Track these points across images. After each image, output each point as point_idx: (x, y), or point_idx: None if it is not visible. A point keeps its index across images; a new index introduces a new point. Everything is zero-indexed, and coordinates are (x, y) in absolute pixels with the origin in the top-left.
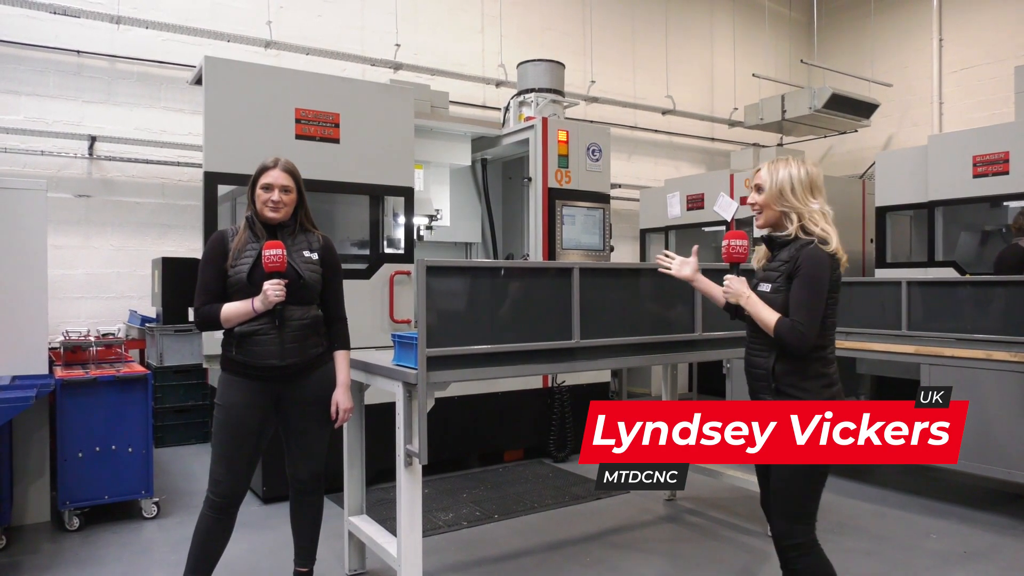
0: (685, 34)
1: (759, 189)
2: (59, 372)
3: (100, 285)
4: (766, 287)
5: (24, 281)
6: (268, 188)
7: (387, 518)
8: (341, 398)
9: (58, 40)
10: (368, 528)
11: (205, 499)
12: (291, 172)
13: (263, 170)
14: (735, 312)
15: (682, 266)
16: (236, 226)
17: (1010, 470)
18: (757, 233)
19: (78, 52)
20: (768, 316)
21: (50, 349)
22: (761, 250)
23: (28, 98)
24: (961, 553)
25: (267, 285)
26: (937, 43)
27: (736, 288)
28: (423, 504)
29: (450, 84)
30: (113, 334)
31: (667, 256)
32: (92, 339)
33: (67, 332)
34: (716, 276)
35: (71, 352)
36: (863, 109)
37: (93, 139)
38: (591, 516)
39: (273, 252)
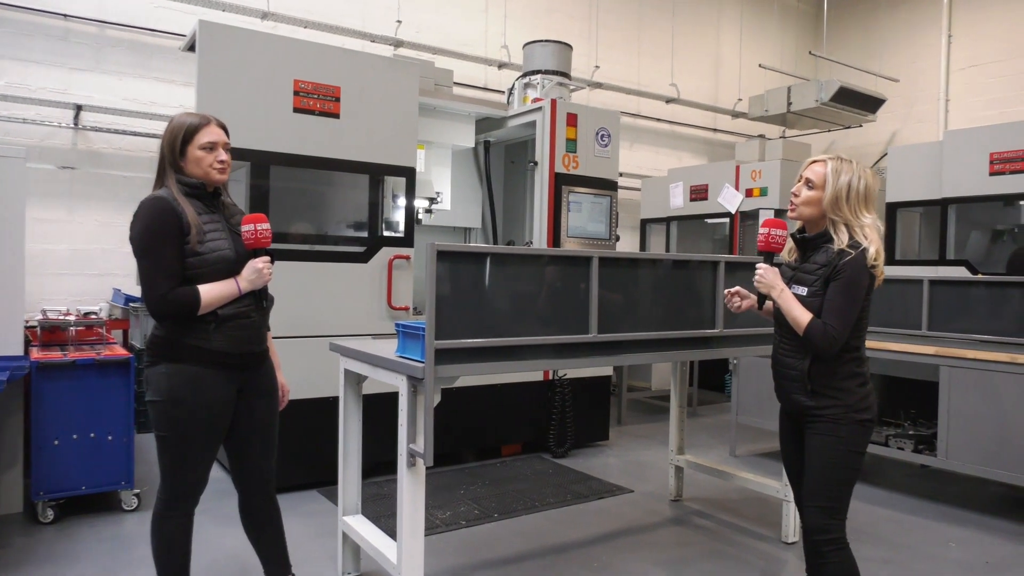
0: (692, 22)
1: (809, 184)
2: (35, 354)
3: (84, 262)
4: (802, 290)
5: (1, 256)
6: (211, 147)
7: (382, 515)
8: (284, 380)
9: (45, 2)
10: (364, 529)
11: (174, 508)
12: (226, 128)
13: (197, 127)
14: (763, 301)
15: (743, 301)
16: (169, 193)
17: None
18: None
19: (65, 16)
20: (801, 315)
21: (28, 328)
22: (789, 245)
23: (11, 62)
24: (984, 564)
25: (260, 263)
26: (946, 39)
27: (770, 279)
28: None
29: (452, 64)
30: (95, 313)
31: (736, 295)
32: (72, 318)
33: (45, 311)
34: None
35: (49, 332)
36: (870, 104)
37: (79, 108)
38: (595, 516)
39: (263, 226)
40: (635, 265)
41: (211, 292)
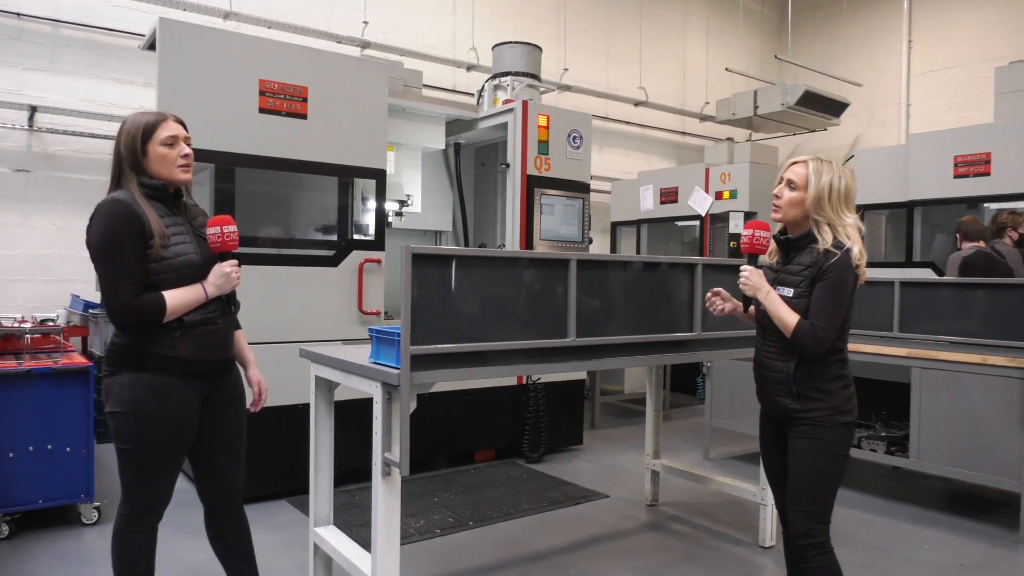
0: (659, 26)
1: (791, 185)
2: None
3: (40, 267)
4: (787, 291)
5: None
6: (172, 143)
7: (355, 525)
8: (260, 377)
9: None
10: (336, 541)
11: (136, 523)
12: (184, 124)
13: (155, 124)
14: (748, 304)
15: (725, 303)
16: (129, 195)
17: (1001, 478)
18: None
19: (18, 15)
20: (788, 317)
21: None
22: (771, 247)
23: None
24: (958, 566)
25: (228, 267)
26: (906, 45)
27: (755, 281)
28: (400, 500)
29: (420, 66)
30: (52, 320)
31: (717, 296)
32: (28, 326)
33: None
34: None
35: (2, 341)
36: (834, 108)
37: (34, 109)
38: (571, 523)
39: (230, 228)
40: (613, 268)
41: (177, 298)
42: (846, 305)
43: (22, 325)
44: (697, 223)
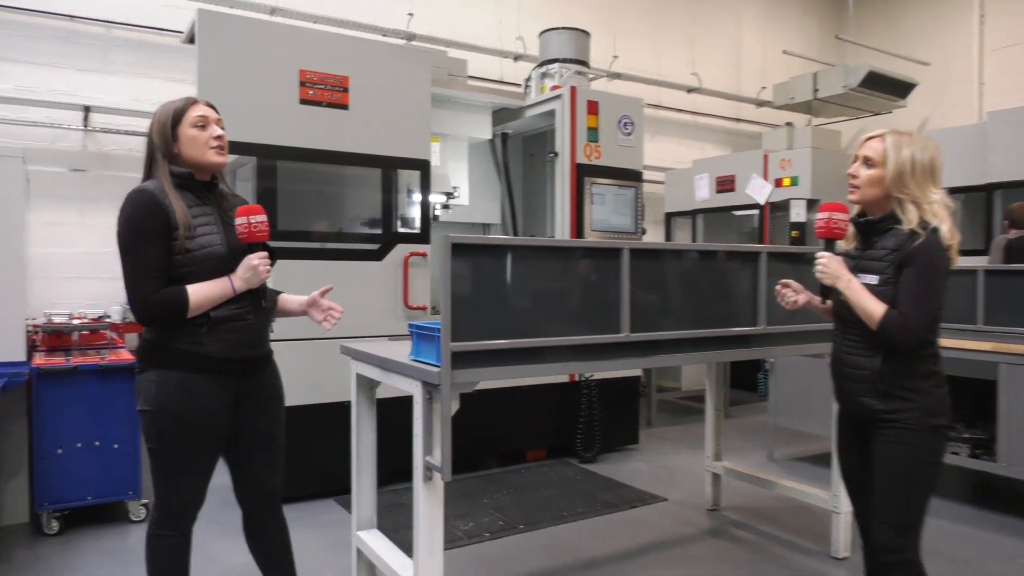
0: (712, 10)
1: (868, 162)
2: (38, 359)
3: (96, 265)
4: (871, 279)
5: (0, 258)
6: (203, 123)
7: (401, 527)
8: (323, 299)
9: (50, 4)
10: (379, 545)
11: (167, 526)
12: (215, 108)
13: (184, 107)
14: (827, 294)
15: (798, 295)
16: (158, 185)
17: None
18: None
19: (71, 17)
20: (873, 307)
21: (41, 332)
22: (849, 231)
23: (19, 65)
24: None
25: (256, 260)
26: (978, 20)
27: (835, 269)
28: (443, 506)
29: (466, 57)
30: (108, 317)
31: (788, 287)
32: (78, 322)
33: (48, 315)
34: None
35: (54, 337)
36: (900, 88)
37: (87, 109)
38: (626, 528)
39: (258, 218)
40: (668, 257)
41: (201, 292)
42: (939, 291)
43: (74, 321)
44: (756, 212)
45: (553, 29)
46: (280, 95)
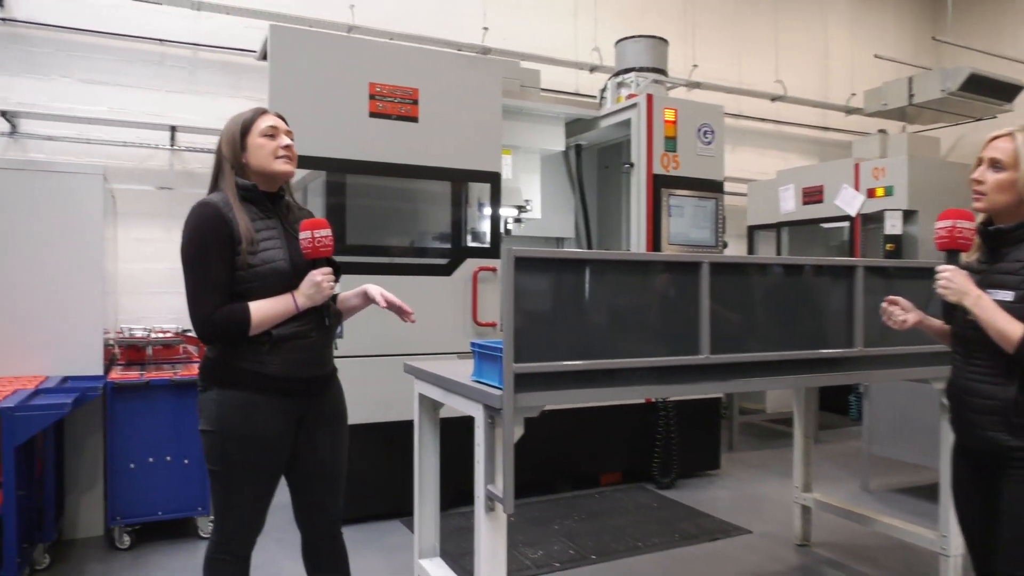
0: (796, 15)
1: (996, 165)
2: (114, 373)
3: (181, 280)
4: (1005, 295)
5: (79, 273)
6: (272, 134)
7: (467, 552)
8: (377, 291)
9: (142, 29)
10: (441, 575)
11: (225, 550)
12: (284, 120)
13: (253, 118)
14: (950, 313)
15: (907, 314)
16: (223, 198)
17: None
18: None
19: (161, 41)
20: (1009, 327)
21: (118, 346)
22: (974, 243)
23: (111, 88)
24: None
25: (320, 276)
26: None
27: (960, 284)
28: (506, 538)
29: (540, 69)
30: (188, 331)
31: (896, 305)
32: (159, 336)
33: (125, 329)
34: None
35: (131, 351)
36: (1005, 91)
37: (174, 129)
38: (707, 562)
39: (322, 233)
40: (752, 271)
41: (263, 310)
42: None
43: (157, 335)
44: (846, 224)
45: (630, 38)
46: (350, 108)
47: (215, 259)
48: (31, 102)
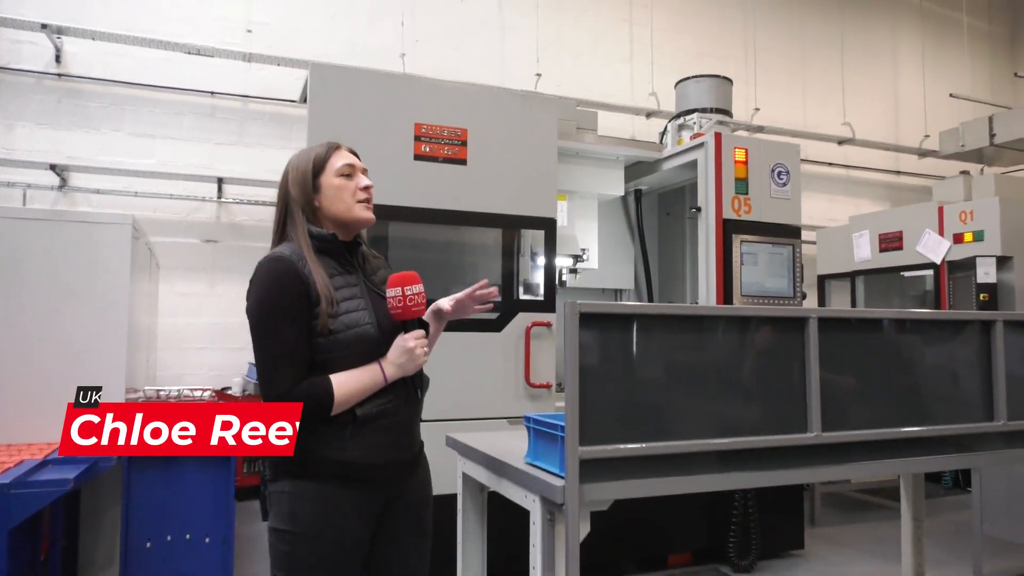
0: (863, 55)
1: None
2: None
3: (223, 335)
4: None
5: (103, 329)
6: (350, 173)
7: None
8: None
9: (193, 81)
10: None
11: None
12: (357, 155)
13: (327, 155)
14: None
15: None
16: (295, 250)
17: None
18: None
19: (212, 93)
20: None
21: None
22: None
23: (162, 141)
24: None
25: (412, 341)
26: None
27: None
28: None
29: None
30: (225, 389)
31: None
32: (198, 393)
33: (152, 390)
34: None
35: None
36: None
37: (220, 181)
38: None
39: (414, 289)
40: (868, 329)
41: (348, 384)
42: None
43: (198, 393)
44: (929, 272)
45: (691, 77)
46: (393, 151)
47: (292, 324)
48: (81, 156)
